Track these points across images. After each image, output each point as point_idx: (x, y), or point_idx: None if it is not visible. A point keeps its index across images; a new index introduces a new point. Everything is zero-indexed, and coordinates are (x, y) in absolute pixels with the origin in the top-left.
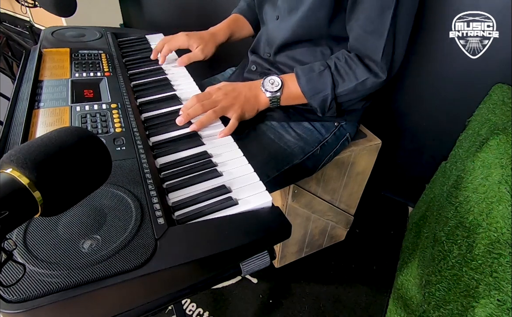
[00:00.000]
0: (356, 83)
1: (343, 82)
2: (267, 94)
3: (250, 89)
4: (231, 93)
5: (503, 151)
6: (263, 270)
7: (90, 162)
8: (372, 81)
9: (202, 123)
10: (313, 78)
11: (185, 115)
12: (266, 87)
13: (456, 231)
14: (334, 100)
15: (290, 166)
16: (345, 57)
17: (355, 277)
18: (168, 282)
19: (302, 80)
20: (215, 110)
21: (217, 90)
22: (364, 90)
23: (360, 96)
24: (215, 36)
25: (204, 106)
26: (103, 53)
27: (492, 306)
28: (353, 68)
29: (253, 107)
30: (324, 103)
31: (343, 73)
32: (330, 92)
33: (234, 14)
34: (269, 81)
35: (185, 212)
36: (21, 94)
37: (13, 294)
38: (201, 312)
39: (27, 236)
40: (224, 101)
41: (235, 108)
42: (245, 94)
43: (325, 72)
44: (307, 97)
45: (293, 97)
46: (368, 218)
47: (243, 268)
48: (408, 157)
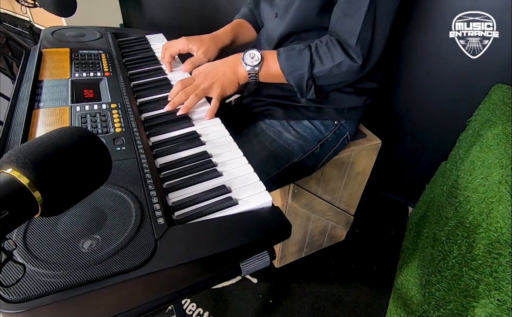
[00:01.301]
0: (332, 65)
1: (321, 63)
2: (246, 67)
3: (228, 65)
4: (210, 73)
5: (503, 151)
6: (263, 270)
7: (90, 162)
8: (347, 64)
9: (187, 107)
10: (292, 56)
11: (171, 104)
12: (246, 61)
13: (456, 231)
14: (311, 80)
15: (290, 164)
16: (327, 39)
17: (355, 277)
18: (168, 282)
19: (281, 57)
20: (196, 94)
21: (198, 74)
22: (340, 73)
23: (339, 81)
24: (217, 38)
25: (187, 92)
26: (103, 53)
27: (492, 306)
28: (332, 50)
29: (232, 82)
30: (301, 81)
31: (321, 54)
32: (307, 71)
33: (237, 19)
34: (249, 55)
35: (185, 212)
36: (21, 94)
37: (13, 294)
38: (201, 312)
39: (27, 236)
40: (204, 82)
41: (215, 88)
42: (223, 71)
43: (305, 51)
44: (285, 74)
45: (272, 75)
46: (368, 218)
47: (243, 268)
48: (408, 157)
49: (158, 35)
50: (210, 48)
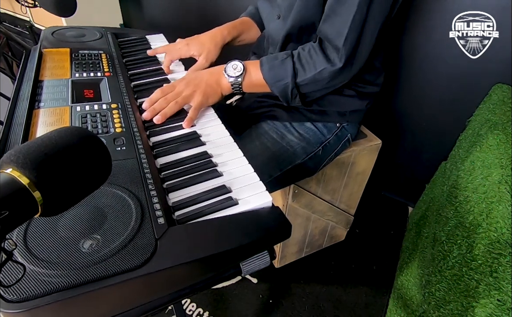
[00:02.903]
0: (314, 72)
1: (304, 72)
2: (229, 79)
3: (211, 75)
4: (193, 81)
5: (503, 151)
6: (263, 270)
7: (90, 162)
8: (329, 70)
9: (166, 114)
10: (275, 66)
11: (151, 110)
12: (228, 72)
13: (456, 231)
14: (296, 89)
15: (292, 165)
16: (309, 47)
17: (355, 277)
18: (168, 282)
19: (265, 68)
20: (176, 101)
21: (180, 81)
22: (323, 80)
23: (323, 87)
24: (217, 37)
25: (167, 99)
26: (103, 53)
27: (492, 306)
28: (314, 58)
29: (216, 92)
30: (285, 91)
31: (304, 63)
32: (291, 81)
33: (242, 17)
34: (231, 66)
35: (185, 212)
36: (21, 94)
37: (13, 294)
38: (201, 312)
39: (27, 236)
40: (186, 90)
41: (196, 95)
42: (206, 81)
43: (287, 61)
44: (269, 85)
45: (255, 84)
46: (368, 218)
47: (243, 268)
48: (408, 157)
49: (158, 35)
50: (210, 51)
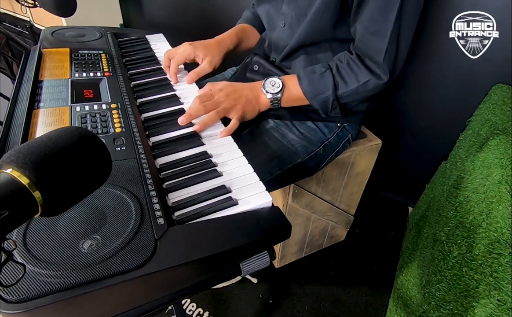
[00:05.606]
0: (357, 85)
1: (345, 84)
2: (268, 95)
3: (251, 90)
4: (233, 94)
5: (503, 151)
6: (263, 270)
7: (90, 162)
8: (374, 83)
9: (205, 124)
10: (314, 80)
11: (188, 115)
12: (267, 89)
13: (456, 231)
14: (336, 101)
15: (293, 164)
16: (347, 59)
17: (355, 277)
18: (168, 282)
19: (303, 82)
20: (218, 111)
21: (218, 91)
22: (365, 91)
23: (363, 97)
24: (222, 44)
25: (206, 107)
26: (103, 53)
27: (492, 306)
28: (355, 70)
29: (254, 108)
30: (326, 104)
31: (344, 75)
32: (332, 94)
33: (241, 24)
34: (270, 82)
35: (185, 212)
36: (21, 94)
37: (13, 294)
38: (201, 312)
39: (27, 236)
40: (226, 102)
41: (237, 109)
42: (246, 96)
43: (327, 74)
44: (309, 99)
45: (294, 99)
46: (368, 218)
47: (243, 268)
48: (408, 157)
49: (158, 35)
50: (215, 56)
